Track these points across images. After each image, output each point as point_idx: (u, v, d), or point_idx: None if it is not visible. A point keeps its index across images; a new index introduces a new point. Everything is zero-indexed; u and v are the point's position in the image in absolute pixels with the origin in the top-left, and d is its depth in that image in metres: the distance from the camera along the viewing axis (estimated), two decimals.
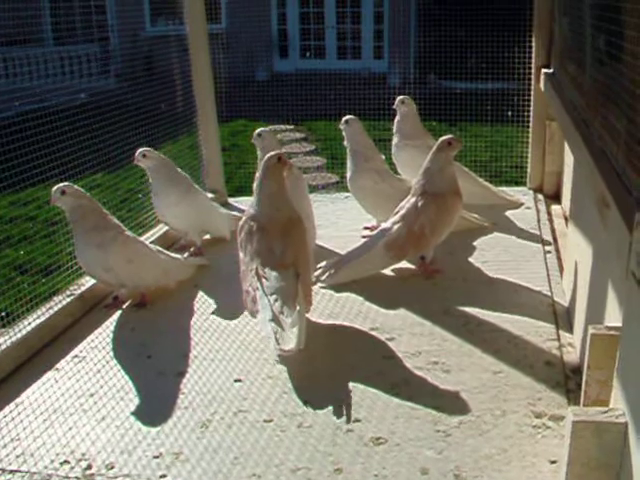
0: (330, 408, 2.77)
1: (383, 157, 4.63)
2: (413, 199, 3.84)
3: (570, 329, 3.25)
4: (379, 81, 12.21)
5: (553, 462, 2.34)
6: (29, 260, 5.54)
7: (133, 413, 2.84)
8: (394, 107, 4.97)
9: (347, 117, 4.49)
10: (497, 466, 2.36)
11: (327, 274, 3.88)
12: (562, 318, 3.37)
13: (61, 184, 3.66)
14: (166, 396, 2.94)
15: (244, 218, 3.45)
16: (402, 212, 3.84)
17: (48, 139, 3.96)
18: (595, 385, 2.05)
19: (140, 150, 4.27)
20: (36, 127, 3.90)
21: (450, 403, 2.74)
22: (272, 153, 3.44)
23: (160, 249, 3.99)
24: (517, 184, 5.65)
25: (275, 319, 3.04)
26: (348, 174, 4.52)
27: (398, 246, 3.79)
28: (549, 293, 3.62)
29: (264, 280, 3.18)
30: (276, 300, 3.10)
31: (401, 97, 4.94)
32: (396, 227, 3.80)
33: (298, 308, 3.09)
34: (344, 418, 2.69)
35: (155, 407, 2.87)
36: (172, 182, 4.33)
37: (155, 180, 4.33)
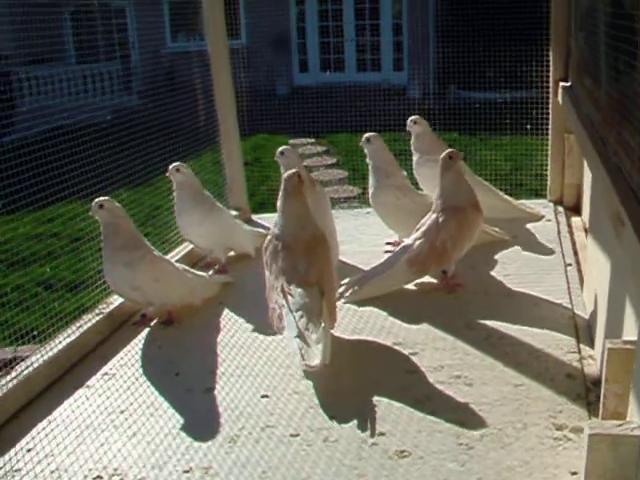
0: (355, 422, 2.82)
1: (405, 173, 4.69)
2: (434, 215, 3.90)
3: (591, 342, 3.29)
4: (399, 93, 12.25)
5: (574, 474, 2.38)
6: (55, 276, 5.63)
7: (163, 429, 2.91)
8: (407, 129, 5.00)
9: (368, 135, 4.53)
10: (519, 478, 2.41)
11: (351, 291, 3.94)
12: (583, 331, 3.40)
13: (102, 198, 3.76)
14: (195, 412, 3.02)
15: (269, 237, 3.51)
16: (423, 228, 3.90)
17: (72, 156, 4.02)
18: (613, 398, 2.10)
19: (175, 164, 4.36)
20: (59, 144, 3.98)
21: (472, 416, 2.79)
22: (291, 172, 3.51)
23: (186, 268, 4.07)
24: (538, 194, 5.66)
25: (301, 335, 3.11)
26: (370, 190, 4.56)
27: (420, 262, 3.85)
28: (570, 306, 3.65)
29: (289, 297, 3.25)
30: (301, 317, 3.17)
31: (412, 117, 4.97)
32: (418, 243, 3.85)
33: (323, 325, 3.16)
34: (369, 432, 2.75)
35: (184, 423, 2.94)
36: (196, 201, 4.41)
37: (179, 198, 4.41)
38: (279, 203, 3.53)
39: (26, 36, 4.13)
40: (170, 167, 4.35)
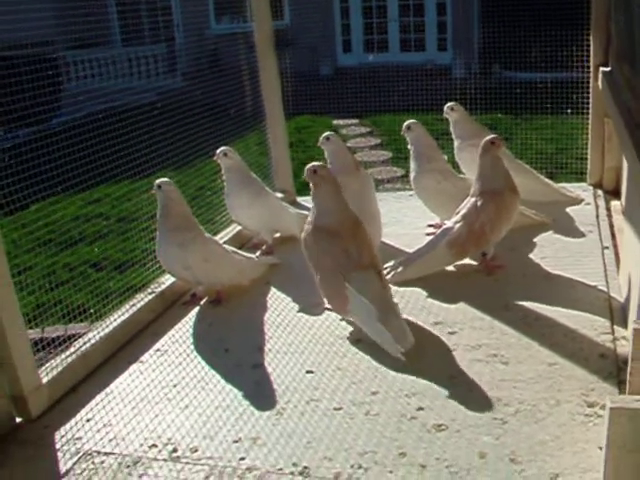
0: (395, 397, 2.95)
1: (446, 157, 4.77)
2: (473, 199, 3.99)
3: (625, 323, 3.36)
4: (443, 73, 12.25)
5: (602, 448, 2.50)
6: (102, 255, 5.79)
7: (213, 402, 3.06)
8: (445, 116, 5.06)
9: (409, 122, 4.60)
10: (550, 451, 2.52)
11: (394, 272, 4.05)
12: (617, 313, 3.48)
13: (162, 179, 3.92)
14: (243, 386, 3.16)
15: (306, 231, 3.58)
16: (463, 212, 3.99)
17: (117, 137, 4.16)
18: (638, 376, 2.21)
19: (222, 149, 4.48)
20: (106, 127, 4.11)
21: (507, 393, 2.90)
22: (310, 165, 3.61)
23: (235, 250, 4.22)
24: (582, 175, 5.68)
25: (382, 320, 3.24)
26: (412, 174, 4.65)
27: (460, 244, 3.95)
28: (605, 288, 3.72)
29: (352, 283, 3.35)
30: (373, 301, 3.28)
31: (449, 104, 5.01)
32: (458, 226, 3.95)
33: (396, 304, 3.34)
34: (408, 407, 2.88)
35: (233, 396, 3.09)
36: (244, 184, 4.55)
37: (228, 181, 4.56)
38: (312, 194, 3.63)
39: (71, 22, 4.25)
40: (217, 151, 4.48)
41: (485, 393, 2.92)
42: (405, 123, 4.63)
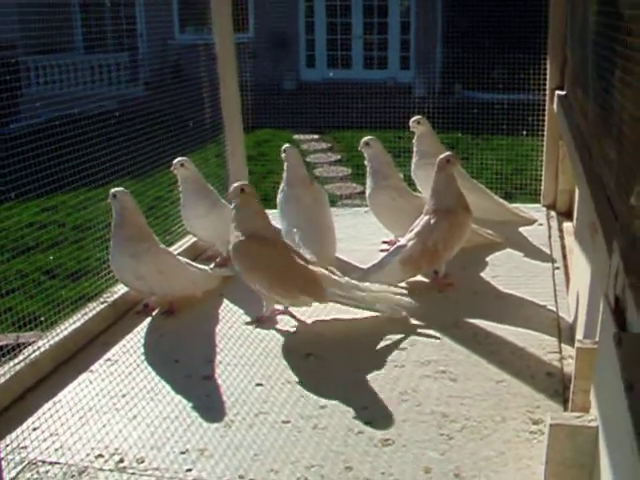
0: (343, 411, 2.97)
1: (401, 175, 4.82)
2: (426, 217, 4.04)
3: (572, 342, 3.38)
4: (405, 91, 12.34)
5: None
6: (57, 264, 5.72)
7: (162, 413, 3.05)
8: (411, 128, 5.10)
9: (367, 139, 4.65)
10: (495, 467, 2.56)
11: None
12: (565, 332, 3.54)
13: (118, 188, 3.91)
14: (193, 397, 3.15)
15: (241, 239, 3.74)
16: (417, 229, 4.04)
17: (76, 144, 4.08)
18: (581, 394, 2.25)
19: (179, 159, 4.48)
20: (65, 133, 4.08)
21: (455, 409, 2.93)
22: (235, 185, 3.77)
23: (188, 261, 4.22)
24: (537, 196, 5.73)
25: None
26: (367, 191, 4.69)
27: (413, 262, 3.99)
28: (554, 308, 3.79)
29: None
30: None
31: (416, 117, 5.07)
32: (411, 244, 4.00)
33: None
34: (356, 421, 2.89)
35: (182, 407, 3.08)
36: (200, 195, 4.55)
37: (185, 192, 4.56)
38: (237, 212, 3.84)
39: (35, 27, 4.22)
40: (174, 162, 4.48)
41: (432, 409, 2.95)
42: (363, 139, 4.67)
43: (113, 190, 3.88)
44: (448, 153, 4.17)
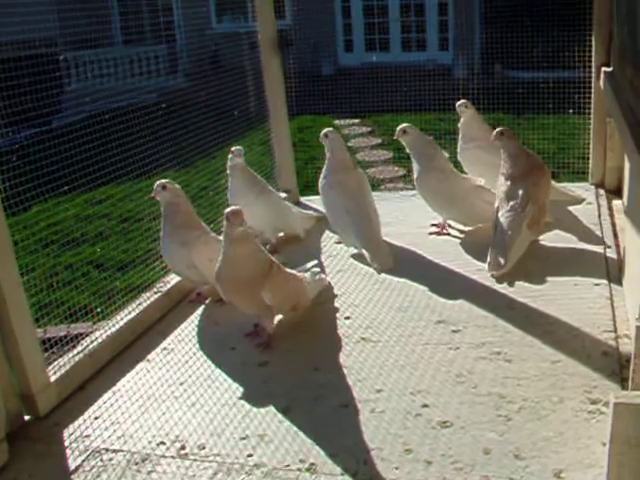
0: (399, 395, 2.98)
1: (446, 155, 4.79)
2: (509, 182, 4.24)
3: (627, 322, 3.39)
4: (444, 73, 12.27)
5: (605, 444, 2.53)
6: (105, 256, 5.81)
7: (220, 399, 3.09)
8: (457, 111, 5.07)
9: (403, 126, 4.60)
10: (554, 447, 2.55)
11: (498, 267, 4.06)
12: (619, 311, 3.51)
13: (164, 180, 3.92)
14: (250, 384, 3.20)
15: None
16: (519, 192, 4.17)
17: (121, 138, 4.16)
18: None
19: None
20: (108, 129, 4.13)
21: (511, 390, 2.94)
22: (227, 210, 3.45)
23: None
24: (583, 174, 5.68)
25: None
26: (414, 175, 4.67)
27: (535, 222, 4.17)
28: (607, 287, 3.75)
29: None
30: None
31: (462, 101, 5.04)
32: (529, 208, 4.12)
33: None
34: (413, 404, 2.91)
35: (240, 394, 3.12)
36: (248, 183, 4.58)
37: (233, 180, 4.58)
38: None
39: (74, 24, 4.26)
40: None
41: (489, 390, 2.96)
42: (399, 127, 4.62)
43: (161, 182, 3.91)
44: (499, 128, 4.31)
